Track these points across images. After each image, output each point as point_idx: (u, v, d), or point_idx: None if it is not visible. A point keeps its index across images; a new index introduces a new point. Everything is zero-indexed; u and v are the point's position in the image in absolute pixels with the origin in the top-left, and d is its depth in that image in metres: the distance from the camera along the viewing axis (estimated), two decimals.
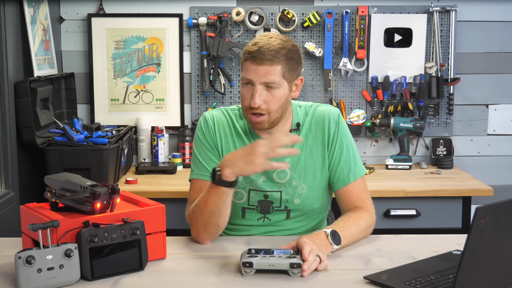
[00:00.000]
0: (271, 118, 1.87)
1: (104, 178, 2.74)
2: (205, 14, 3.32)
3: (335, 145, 1.95)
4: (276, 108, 1.86)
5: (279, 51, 1.82)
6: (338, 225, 1.81)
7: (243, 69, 1.86)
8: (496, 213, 1.33)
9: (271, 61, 1.81)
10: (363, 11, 3.27)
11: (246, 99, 1.86)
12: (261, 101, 1.82)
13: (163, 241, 1.70)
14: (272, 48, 1.81)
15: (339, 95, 3.39)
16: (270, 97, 1.84)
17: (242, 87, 1.87)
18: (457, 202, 2.93)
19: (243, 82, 1.86)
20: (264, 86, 1.83)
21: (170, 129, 3.37)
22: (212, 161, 1.95)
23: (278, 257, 1.58)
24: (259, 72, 1.81)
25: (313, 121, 1.97)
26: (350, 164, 1.95)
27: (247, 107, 1.86)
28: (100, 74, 3.35)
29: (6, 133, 2.49)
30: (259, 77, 1.82)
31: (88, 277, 1.53)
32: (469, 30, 3.37)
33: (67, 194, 1.64)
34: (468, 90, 3.42)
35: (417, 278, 1.52)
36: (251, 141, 1.95)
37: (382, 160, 3.40)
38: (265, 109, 1.84)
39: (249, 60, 1.83)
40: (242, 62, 1.87)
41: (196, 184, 1.95)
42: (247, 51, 1.84)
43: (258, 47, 1.81)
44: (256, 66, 1.81)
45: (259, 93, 1.82)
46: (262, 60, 1.80)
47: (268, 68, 1.81)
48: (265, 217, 1.97)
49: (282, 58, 1.82)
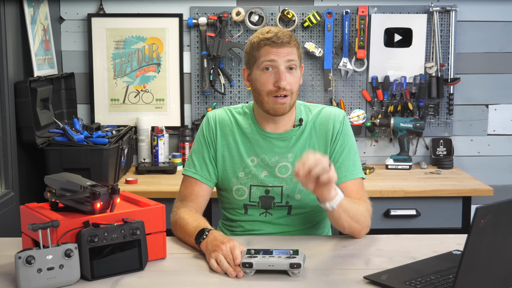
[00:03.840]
0: (292, 101, 1.92)
1: (104, 178, 2.74)
2: (205, 14, 3.32)
3: (337, 143, 1.97)
4: (296, 89, 1.93)
5: (292, 36, 1.91)
6: None
7: (260, 55, 1.89)
8: (496, 213, 1.33)
9: (289, 43, 1.89)
10: (363, 11, 3.27)
11: (268, 83, 1.89)
12: (287, 81, 1.88)
13: (163, 241, 1.70)
14: (286, 33, 1.90)
15: (339, 95, 3.39)
16: (292, 78, 1.90)
17: (260, 73, 1.90)
18: (457, 202, 2.93)
19: (263, 67, 1.89)
20: (287, 67, 1.89)
21: (170, 129, 3.37)
22: (205, 162, 2.00)
23: (278, 257, 1.58)
24: (281, 53, 1.88)
25: (318, 120, 2.00)
26: (349, 163, 1.97)
27: (270, 91, 1.89)
28: (100, 74, 3.35)
29: (6, 133, 2.49)
30: (282, 57, 1.88)
31: (88, 277, 1.53)
32: (469, 30, 3.37)
33: (67, 194, 1.64)
34: (468, 90, 3.42)
35: (417, 278, 1.52)
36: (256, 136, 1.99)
37: (382, 160, 3.40)
38: (289, 89, 1.89)
39: (269, 44, 1.88)
40: (257, 49, 1.90)
41: (187, 181, 2.02)
42: (264, 38, 1.89)
43: (274, 33, 1.88)
44: (277, 49, 1.87)
45: (285, 73, 1.88)
46: (283, 42, 1.88)
47: (289, 49, 1.88)
48: (267, 212, 1.99)
49: (295, 42, 1.92)
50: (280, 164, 1.97)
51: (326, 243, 1.86)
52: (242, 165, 1.98)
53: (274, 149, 1.98)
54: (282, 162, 1.97)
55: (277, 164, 1.97)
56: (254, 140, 1.99)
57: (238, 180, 1.99)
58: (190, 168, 2.01)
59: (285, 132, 1.98)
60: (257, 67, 1.91)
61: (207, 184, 1.99)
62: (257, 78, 1.91)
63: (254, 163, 1.98)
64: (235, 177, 1.99)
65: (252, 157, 1.98)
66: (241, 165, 1.99)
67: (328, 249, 1.80)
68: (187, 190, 1.99)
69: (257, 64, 1.91)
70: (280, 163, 1.97)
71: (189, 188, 1.99)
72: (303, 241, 1.88)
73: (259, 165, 1.98)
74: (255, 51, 1.91)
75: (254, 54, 1.92)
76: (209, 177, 2.00)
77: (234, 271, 1.57)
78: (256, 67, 1.91)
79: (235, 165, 1.99)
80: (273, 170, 1.97)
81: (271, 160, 1.97)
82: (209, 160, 2.00)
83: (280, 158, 1.98)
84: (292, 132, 1.98)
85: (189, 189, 1.99)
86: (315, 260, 1.70)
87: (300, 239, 1.90)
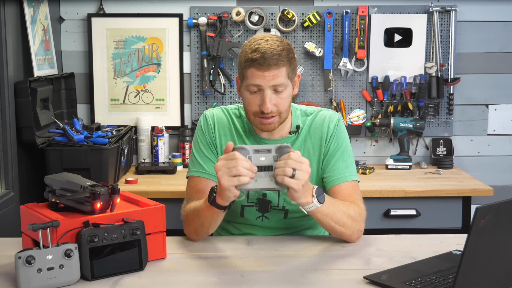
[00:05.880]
0: (281, 118, 1.88)
1: (104, 178, 2.74)
2: (205, 14, 3.32)
3: (330, 145, 1.95)
4: (286, 108, 1.87)
5: (281, 53, 1.81)
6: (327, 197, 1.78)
7: (247, 77, 1.84)
8: (496, 213, 1.33)
9: (277, 65, 1.80)
10: (363, 11, 3.27)
11: (254, 105, 1.85)
12: (272, 105, 1.83)
13: (163, 241, 1.70)
14: (275, 52, 1.80)
15: (339, 95, 3.39)
16: (279, 99, 1.84)
17: (247, 94, 1.86)
18: (457, 202, 2.93)
19: (249, 89, 1.84)
20: (272, 90, 1.83)
21: (170, 129, 3.37)
22: (209, 159, 1.97)
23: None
24: (267, 77, 1.81)
25: (313, 124, 1.98)
26: (343, 166, 1.93)
27: (255, 112, 1.86)
28: (100, 74, 3.35)
29: (6, 133, 2.49)
30: (267, 81, 1.81)
31: (88, 277, 1.53)
32: (469, 30, 3.37)
33: (67, 194, 1.64)
34: (468, 90, 3.42)
35: (417, 278, 1.52)
36: (251, 140, 1.97)
37: (382, 160, 3.40)
38: (276, 111, 1.85)
39: (254, 67, 1.81)
40: (244, 69, 1.85)
41: (192, 181, 1.97)
42: (249, 59, 1.81)
43: (261, 53, 1.79)
44: (263, 72, 1.80)
45: (269, 97, 1.82)
46: (269, 65, 1.79)
47: (275, 72, 1.81)
48: (263, 216, 1.98)
49: (285, 59, 1.82)
50: None
51: (326, 243, 1.86)
52: None
53: None
54: None
55: None
56: (250, 144, 1.96)
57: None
58: (193, 168, 1.98)
59: (280, 139, 1.96)
60: (244, 87, 1.87)
61: (212, 180, 1.95)
62: (244, 97, 1.88)
63: None
64: None
65: None
66: None
67: (328, 249, 1.80)
68: (193, 190, 1.95)
69: (244, 83, 1.86)
70: None
71: (194, 188, 1.95)
72: (303, 241, 1.88)
73: None
74: (242, 69, 1.86)
75: (242, 71, 1.87)
76: (213, 172, 1.94)
77: (238, 167, 1.57)
78: (243, 85, 1.87)
79: None
80: None
81: None
82: (212, 156, 1.97)
83: None
84: (288, 139, 1.96)
85: (194, 189, 1.95)
86: (315, 260, 1.70)
87: (300, 239, 1.90)
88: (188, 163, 2.03)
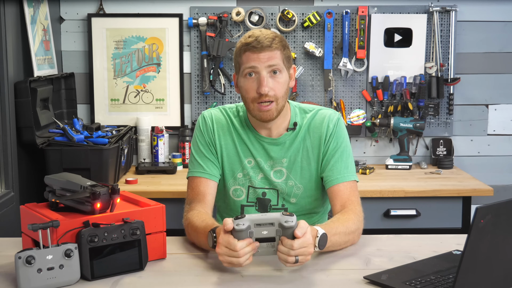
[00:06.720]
0: (279, 106, 1.88)
1: (104, 178, 2.74)
2: (205, 14, 3.32)
3: (329, 144, 1.95)
4: (283, 94, 1.87)
5: (274, 38, 1.86)
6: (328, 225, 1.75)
7: (242, 61, 1.86)
8: (496, 213, 1.33)
9: (270, 47, 1.84)
10: (363, 11, 3.27)
11: (251, 90, 1.86)
12: (269, 88, 1.84)
13: (163, 241, 1.70)
14: (268, 36, 1.85)
15: (339, 95, 3.39)
16: (275, 83, 1.85)
17: (244, 80, 1.87)
18: (457, 202, 2.93)
19: (245, 73, 1.86)
20: (269, 72, 1.85)
21: (170, 129, 3.37)
22: (209, 159, 1.97)
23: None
24: (262, 58, 1.84)
25: (312, 123, 1.98)
26: (342, 166, 1.94)
27: (254, 98, 1.86)
28: (100, 74, 3.35)
29: (6, 133, 2.49)
30: (262, 62, 1.84)
31: (88, 277, 1.54)
32: (469, 30, 3.37)
33: (67, 194, 1.64)
34: (468, 90, 3.42)
35: (417, 278, 1.52)
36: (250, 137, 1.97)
37: (382, 160, 3.40)
38: (273, 95, 1.85)
39: (249, 50, 1.84)
40: (239, 55, 1.88)
41: (193, 182, 1.97)
42: (243, 44, 1.86)
43: (255, 37, 1.84)
44: (258, 54, 1.83)
45: (266, 79, 1.84)
46: (262, 47, 1.83)
47: (270, 53, 1.84)
48: None
49: (279, 44, 1.86)
50: (275, 169, 1.97)
51: None
52: (241, 165, 1.98)
53: (268, 153, 1.97)
54: (277, 167, 1.97)
55: (272, 168, 1.97)
56: (249, 143, 1.97)
57: (236, 181, 1.98)
58: (193, 169, 1.98)
59: (279, 137, 1.96)
60: (241, 74, 1.88)
61: (213, 180, 1.95)
62: (242, 85, 1.89)
63: (251, 165, 1.97)
64: (233, 178, 1.98)
65: (249, 158, 1.98)
66: (239, 166, 1.98)
67: None
68: (194, 192, 1.95)
69: (240, 71, 1.88)
70: (275, 167, 1.97)
71: (195, 189, 1.95)
72: None
73: (256, 167, 1.97)
74: (238, 57, 1.89)
75: (238, 60, 1.89)
76: (213, 172, 1.96)
77: (239, 259, 1.53)
78: (240, 73, 1.89)
79: (233, 166, 1.98)
80: (268, 174, 1.97)
81: (266, 164, 1.97)
82: (212, 156, 1.97)
83: (274, 163, 1.97)
84: (286, 137, 1.96)
85: (195, 190, 1.94)
86: (315, 260, 1.70)
87: None
88: (188, 163, 2.03)
